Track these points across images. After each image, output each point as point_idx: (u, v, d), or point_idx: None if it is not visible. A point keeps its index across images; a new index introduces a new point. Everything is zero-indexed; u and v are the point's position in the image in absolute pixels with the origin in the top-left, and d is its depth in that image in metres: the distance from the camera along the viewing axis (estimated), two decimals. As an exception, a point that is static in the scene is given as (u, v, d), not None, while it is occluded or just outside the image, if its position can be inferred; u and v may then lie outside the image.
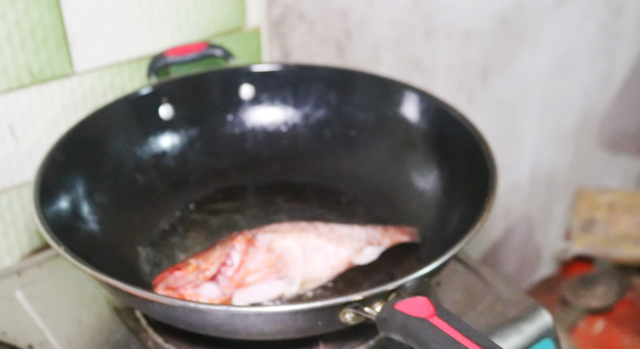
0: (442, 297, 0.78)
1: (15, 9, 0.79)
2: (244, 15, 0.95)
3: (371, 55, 1.11)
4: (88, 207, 0.78)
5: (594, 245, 1.53)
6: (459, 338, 0.54)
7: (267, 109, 0.91)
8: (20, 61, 0.81)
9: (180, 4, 0.89)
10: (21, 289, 0.78)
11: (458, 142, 0.81)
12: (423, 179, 0.85)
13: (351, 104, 0.90)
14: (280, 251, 0.74)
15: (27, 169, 0.86)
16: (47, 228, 0.67)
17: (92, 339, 0.73)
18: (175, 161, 0.87)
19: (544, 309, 0.77)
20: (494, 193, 0.71)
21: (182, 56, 0.88)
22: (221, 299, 0.71)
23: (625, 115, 1.58)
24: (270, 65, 0.90)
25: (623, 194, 1.62)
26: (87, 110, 0.86)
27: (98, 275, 0.63)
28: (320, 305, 0.60)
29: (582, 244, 1.54)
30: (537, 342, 0.76)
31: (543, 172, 1.50)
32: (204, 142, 0.89)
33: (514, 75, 1.31)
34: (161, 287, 0.71)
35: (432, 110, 0.85)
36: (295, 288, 0.73)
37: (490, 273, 0.81)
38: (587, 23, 1.37)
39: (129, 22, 0.87)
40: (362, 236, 0.78)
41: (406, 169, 0.86)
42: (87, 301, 0.77)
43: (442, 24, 1.16)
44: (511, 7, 1.23)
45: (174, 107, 0.87)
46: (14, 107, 0.83)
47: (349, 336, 0.72)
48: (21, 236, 0.89)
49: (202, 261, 0.72)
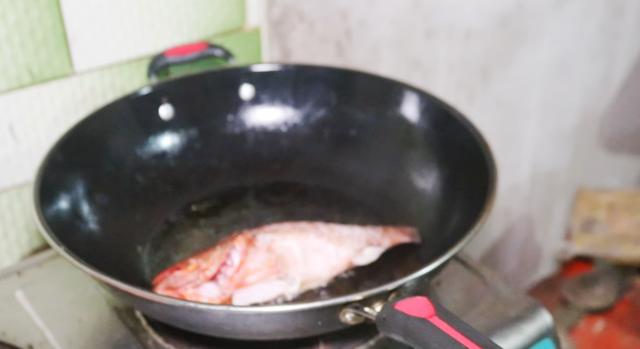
0: (442, 297, 0.78)
1: (15, 9, 0.79)
2: (244, 15, 0.95)
3: (371, 55, 1.11)
4: (88, 207, 0.78)
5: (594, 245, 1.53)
6: (459, 338, 0.54)
7: (267, 109, 0.91)
8: (20, 61, 0.81)
9: (180, 4, 0.89)
10: (21, 289, 0.78)
11: (458, 142, 0.81)
12: (423, 179, 0.85)
13: (351, 104, 0.90)
14: (280, 251, 0.74)
15: (27, 169, 0.86)
16: (47, 228, 0.67)
17: (92, 339, 0.73)
18: (175, 161, 0.87)
19: (544, 309, 0.77)
20: (494, 193, 0.71)
21: (182, 56, 0.88)
22: (221, 299, 0.71)
23: (625, 115, 1.58)
24: (270, 65, 0.90)
25: (623, 194, 1.62)
26: (87, 110, 0.86)
27: (98, 275, 0.63)
28: (320, 305, 0.60)
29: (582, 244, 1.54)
30: (537, 342, 0.76)
31: (543, 172, 1.50)
32: (204, 142, 0.89)
33: (514, 75, 1.31)
34: (161, 287, 0.71)
35: (432, 110, 0.85)
36: (295, 288, 0.73)
37: (490, 273, 0.81)
38: (587, 23, 1.37)
39: (129, 22, 0.87)
40: (362, 236, 0.78)
41: (406, 169, 0.86)
42: (87, 301, 0.77)
43: (442, 24, 1.16)
44: (511, 7, 1.23)
45: (174, 107, 0.87)
46: (14, 107, 0.83)
47: (349, 336, 0.72)
48: (21, 236, 0.89)
49: (202, 260, 0.72)
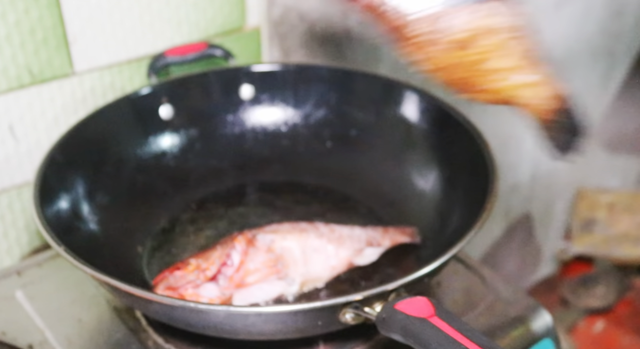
0: (442, 297, 0.78)
1: (15, 9, 0.79)
2: (244, 15, 0.95)
3: (371, 55, 1.11)
4: (88, 207, 0.78)
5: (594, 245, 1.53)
6: (459, 338, 0.54)
7: (267, 109, 0.91)
8: (20, 61, 0.81)
9: (180, 4, 0.89)
10: (21, 289, 0.78)
11: (458, 142, 0.81)
12: (423, 179, 0.85)
13: (351, 104, 0.90)
14: (280, 252, 0.74)
15: (27, 169, 0.86)
16: (47, 228, 0.67)
17: (92, 339, 0.73)
18: (175, 161, 0.87)
19: (544, 309, 0.77)
20: (494, 193, 0.71)
21: (182, 56, 0.88)
22: (221, 300, 0.71)
23: (625, 115, 1.58)
24: (270, 65, 0.90)
25: (623, 194, 1.62)
26: (87, 110, 0.86)
27: (98, 275, 0.63)
28: (320, 305, 0.60)
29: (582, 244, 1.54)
30: (537, 342, 0.76)
31: (543, 172, 1.50)
32: (204, 142, 0.89)
33: (514, 75, 1.31)
34: (161, 287, 0.71)
35: (432, 110, 0.85)
36: (295, 288, 0.73)
37: (490, 273, 0.81)
38: (587, 23, 1.37)
39: (129, 22, 0.87)
40: (363, 237, 0.78)
41: (406, 169, 0.86)
42: (87, 301, 0.77)
43: (442, 24, 1.16)
44: (511, 7, 1.23)
45: (174, 107, 0.87)
46: (14, 107, 0.83)
47: (349, 336, 0.72)
48: (21, 236, 0.89)
49: (202, 260, 0.72)
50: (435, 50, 0.58)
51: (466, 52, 0.58)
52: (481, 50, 0.58)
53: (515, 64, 0.59)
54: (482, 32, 0.58)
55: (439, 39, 0.58)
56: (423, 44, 0.58)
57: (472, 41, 0.58)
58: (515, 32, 0.58)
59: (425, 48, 0.58)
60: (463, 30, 0.58)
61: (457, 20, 0.57)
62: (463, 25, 0.57)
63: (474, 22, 0.58)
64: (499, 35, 0.58)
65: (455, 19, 0.57)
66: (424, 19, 0.58)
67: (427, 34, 0.58)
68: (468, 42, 0.58)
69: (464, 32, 0.58)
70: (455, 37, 0.58)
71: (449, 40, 0.58)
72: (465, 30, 0.58)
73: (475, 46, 0.58)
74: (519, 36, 0.58)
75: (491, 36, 0.58)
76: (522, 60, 0.59)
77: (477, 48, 0.58)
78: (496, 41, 0.58)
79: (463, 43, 0.58)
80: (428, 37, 0.58)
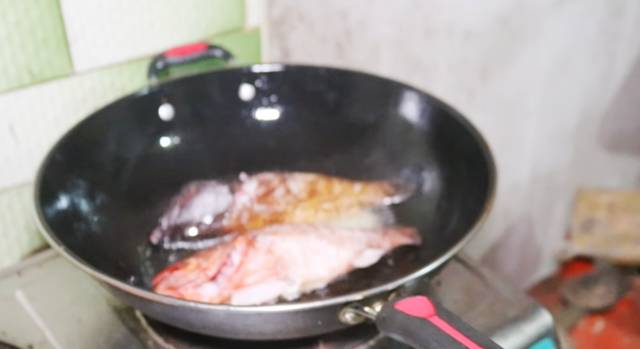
0: (442, 297, 0.78)
1: (15, 9, 0.79)
2: (244, 15, 0.95)
3: (371, 55, 1.11)
4: (88, 207, 0.78)
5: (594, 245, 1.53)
6: (459, 337, 0.54)
7: (267, 109, 0.91)
8: (20, 61, 0.81)
9: (180, 4, 0.89)
10: (21, 289, 0.78)
11: (458, 142, 0.81)
12: (423, 179, 0.85)
13: (351, 104, 0.90)
14: (280, 253, 0.74)
15: (27, 169, 0.86)
16: (47, 228, 0.67)
17: (92, 339, 0.73)
18: (175, 161, 0.87)
19: (544, 309, 0.77)
20: (494, 193, 0.71)
21: (182, 57, 0.88)
22: (220, 300, 0.71)
23: (625, 115, 1.58)
24: (270, 66, 0.90)
25: (623, 194, 1.62)
26: (87, 110, 0.86)
27: (98, 275, 0.63)
28: (320, 305, 0.60)
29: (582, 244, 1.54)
30: (537, 342, 0.76)
31: (543, 172, 1.50)
32: (204, 142, 0.89)
33: (514, 75, 1.31)
34: (162, 287, 0.71)
35: (432, 110, 0.85)
36: (294, 289, 0.73)
37: (490, 273, 0.81)
38: (587, 23, 1.37)
39: (129, 22, 0.87)
40: (363, 238, 0.78)
41: (406, 169, 0.86)
42: (87, 301, 0.77)
43: (442, 24, 1.16)
44: (511, 7, 1.23)
45: (174, 107, 0.87)
46: (14, 107, 0.83)
47: (349, 336, 0.72)
48: (21, 236, 0.89)
49: (203, 260, 0.72)
50: None
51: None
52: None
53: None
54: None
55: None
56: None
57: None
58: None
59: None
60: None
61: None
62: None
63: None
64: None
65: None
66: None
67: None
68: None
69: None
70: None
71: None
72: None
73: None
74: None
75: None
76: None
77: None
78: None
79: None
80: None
